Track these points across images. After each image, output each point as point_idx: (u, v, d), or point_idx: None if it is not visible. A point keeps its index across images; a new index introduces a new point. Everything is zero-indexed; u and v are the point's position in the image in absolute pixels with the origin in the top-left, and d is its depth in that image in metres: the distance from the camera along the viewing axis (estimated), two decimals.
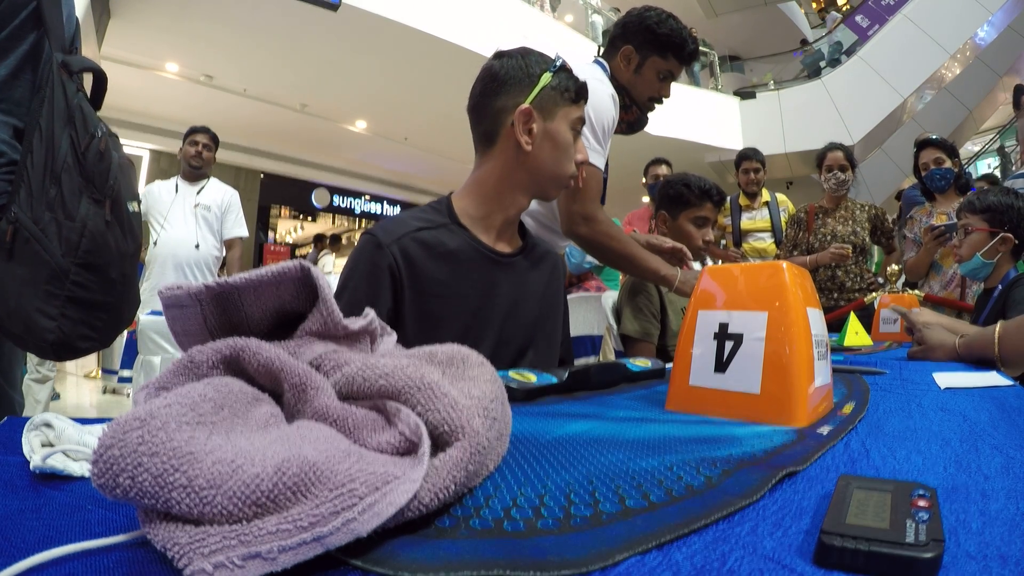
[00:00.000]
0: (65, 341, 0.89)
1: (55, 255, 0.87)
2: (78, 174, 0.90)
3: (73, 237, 0.88)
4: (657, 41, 1.40)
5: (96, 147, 0.91)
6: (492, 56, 0.96)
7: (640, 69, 1.43)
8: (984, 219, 1.73)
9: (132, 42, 5.68)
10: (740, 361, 0.58)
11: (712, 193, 1.65)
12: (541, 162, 0.93)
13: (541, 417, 0.56)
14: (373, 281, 0.86)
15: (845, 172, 2.71)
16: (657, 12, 1.42)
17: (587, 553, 0.25)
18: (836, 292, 2.69)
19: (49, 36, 0.89)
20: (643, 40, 1.41)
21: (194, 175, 2.94)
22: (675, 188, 1.67)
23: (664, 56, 1.42)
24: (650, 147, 4.74)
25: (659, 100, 1.49)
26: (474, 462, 0.32)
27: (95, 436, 0.38)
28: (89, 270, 0.90)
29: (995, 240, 1.70)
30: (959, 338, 1.07)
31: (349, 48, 6.05)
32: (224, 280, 0.36)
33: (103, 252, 0.91)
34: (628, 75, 1.44)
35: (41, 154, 0.87)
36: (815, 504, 0.33)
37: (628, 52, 1.42)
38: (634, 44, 1.41)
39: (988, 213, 1.73)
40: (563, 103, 0.93)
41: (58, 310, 0.88)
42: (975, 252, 1.74)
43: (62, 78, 0.89)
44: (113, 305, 0.95)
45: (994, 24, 8.14)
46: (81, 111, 0.90)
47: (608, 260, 1.43)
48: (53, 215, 0.87)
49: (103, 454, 0.23)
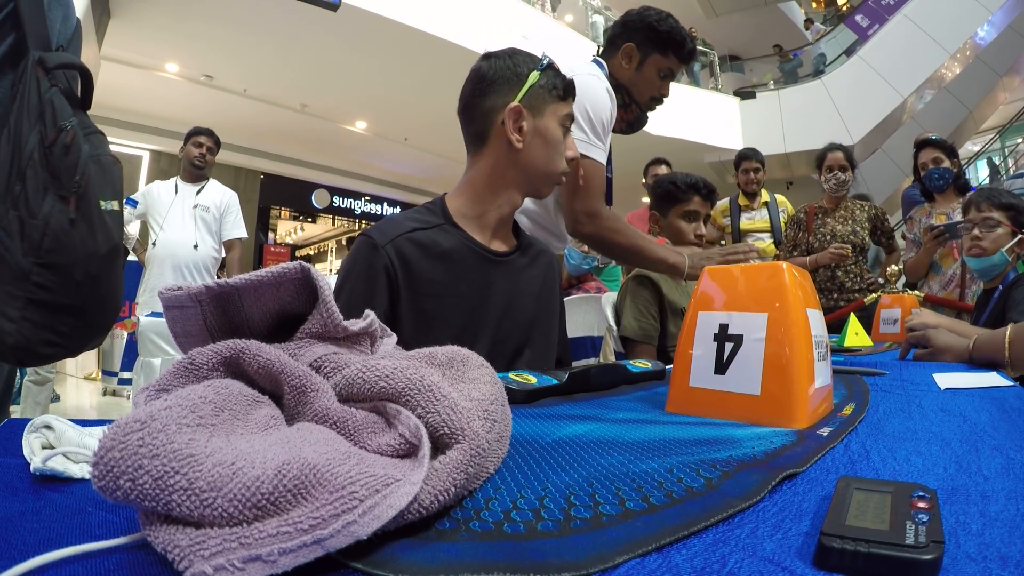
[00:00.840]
0: (26, 345, 0.85)
1: (16, 254, 0.84)
2: (44, 169, 0.86)
3: (35, 235, 0.85)
4: (658, 38, 1.41)
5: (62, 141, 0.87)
6: (480, 58, 0.97)
7: (641, 67, 1.44)
8: (1008, 216, 1.69)
9: (132, 42, 5.69)
10: (740, 362, 0.58)
11: (699, 186, 1.65)
12: (532, 159, 0.94)
13: (541, 419, 0.56)
14: (369, 282, 0.86)
15: (845, 172, 2.71)
16: (657, 11, 1.43)
17: (587, 555, 0.25)
18: (836, 292, 2.68)
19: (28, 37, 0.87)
20: (644, 38, 1.42)
21: (195, 176, 2.94)
22: (663, 186, 1.69)
23: (665, 54, 1.43)
24: (650, 147, 4.75)
25: (660, 100, 1.49)
26: (474, 464, 0.32)
27: (95, 438, 0.38)
28: (51, 270, 0.86)
29: (1015, 240, 1.67)
30: (972, 340, 1.06)
31: (349, 48, 6.05)
32: (224, 281, 0.36)
33: (67, 251, 0.87)
34: (629, 73, 1.44)
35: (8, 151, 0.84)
36: (815, 506, 0.33)
37: (629, 50, 1.43)
38: (635, 42, 1.42)
39: (1012, 211, 1.68)
40: (552, 100, 0.95)
41: (19, 312, 0.84)
42: (1000, 248, 1.68)
43: (36, 74, 0.87)
44: (80, 309, 0.90)
45: (994, 24, 8.14)
46: (52, 106, 0.87)
47: (615, 255, 1.42)
48: (17, 212, 0.84)
49: (103, 456, 0.23)
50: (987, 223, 1.71)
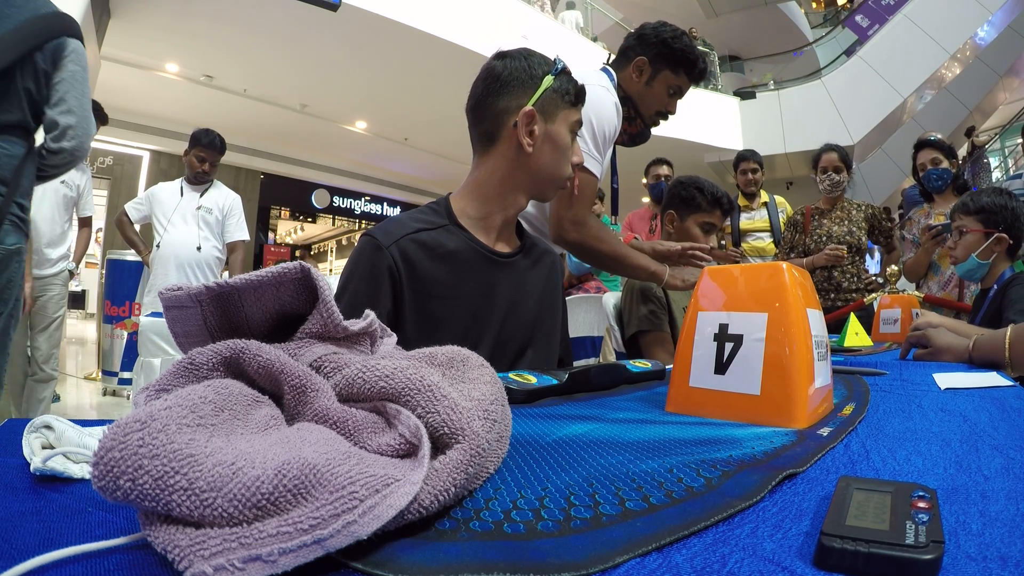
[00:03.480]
0: None
1: None
2: None
3: None
4: (672, 56, 1.41)
5: None
6: (493, 56, 0.96)
7: (651, 82, 1.44)
8: (978, 220, 1.74)
9: (132, 42, 5.69)
10: (740, 362, 0.58)
11: (723, 202, 1.65)
12: (541, 163, 0.94)
13: (541, 419, 0.56)
14: (373, 283, 0.86)
15: (840, 173, 2.70)
16: (673, 28, 1.43)
17: (587, 555, 0.25)
18: (833, 293, 2.67)
19: None
20: (657, 53, 1.42)
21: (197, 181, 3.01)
22: (687, 190, 1.66)
23: (676, 71, 1.43)
24: (650, 147, 4.74)
25: (665, 116, 1.50)
26: (474, 464, 0.32)
27: (95, 438, 0.38)
28: None
29: (990, 241, 1.71)
30: (972, 340, 1.07)
31: (349, 48, 6.05)
32: (224, 281, 0.36)
33: None
34: (639, 87, 1.44)
35: None
36: (815, 506, 0.33)
37: (641, 63, 1.42)
38: (648, 56, 1.42)
39: (982, 214, 1.73)
40: (564, 106, 0.95)
41: None
42: (970, 253, 1.74)
43: None
44: None
45: (994, 24, 8.14)
46: None
47: (597, 262, 1.42)
48: None
49: (104, 456, 0.23)
50: (959, 231, 1.79)
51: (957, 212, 1.81)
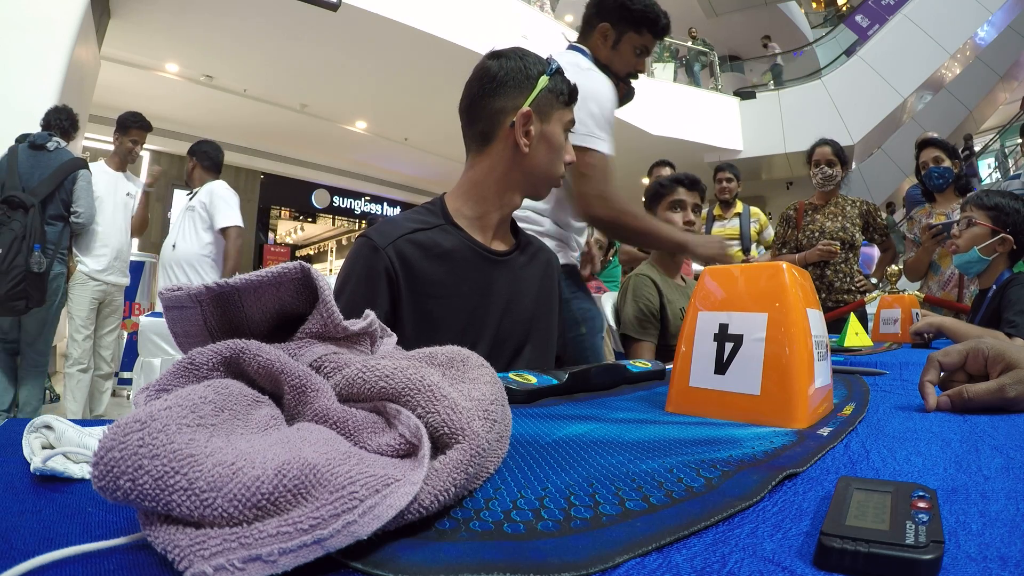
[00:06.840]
0: None
1: None
2: None
3: None
4: (632, 17, 1.43)
5: None
6: (487, 56, 0.96)
7: (617, 45, 1.45)
8: (989, 216, 1.74)
9: (132, 42, 5.69)
10: (740, 362, 0.58)
11: (680, 178, 1.82)
12: (537, 163, 0.95)
13: (541, 419, 0.56)
14: (370, 284, 0.86)
15: (833, 167, 2.65)
16: None
17: (587, 555, 0.25)
18: (824, 292, 2.61)
19: None
20: (618, 17, 1.43)
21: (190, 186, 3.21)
22: (651, 188, 1.87)
23: (639, 31, 1.44)
24: (650, 147, 4.75)
25: (635, 75, 1.52)
26: (474, 464, 0.32)
27: (95, 438, 0.38)
28: None
29: (994, 239, 1.71)
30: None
31: (349, 48, 6.05)
32: (224, 281, 0.36)
33: None
34: (606, 52, 1.46)
35: None
36: (815, 506, 0.33)
37: (605, 29, 1.44)
38: (610, 21, 1.44)
39: (994, 212, 1.73)
40: (558, 106, 0.95)
41: None
42: (973, 245, 1.74)
43: None
44: None
45: (994, 24, 8.15)
46: None
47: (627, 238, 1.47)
48: None
49: (104, 456, 0.23)
50: (967, 221, 1.78)
51: (970, 204, 1.80)
